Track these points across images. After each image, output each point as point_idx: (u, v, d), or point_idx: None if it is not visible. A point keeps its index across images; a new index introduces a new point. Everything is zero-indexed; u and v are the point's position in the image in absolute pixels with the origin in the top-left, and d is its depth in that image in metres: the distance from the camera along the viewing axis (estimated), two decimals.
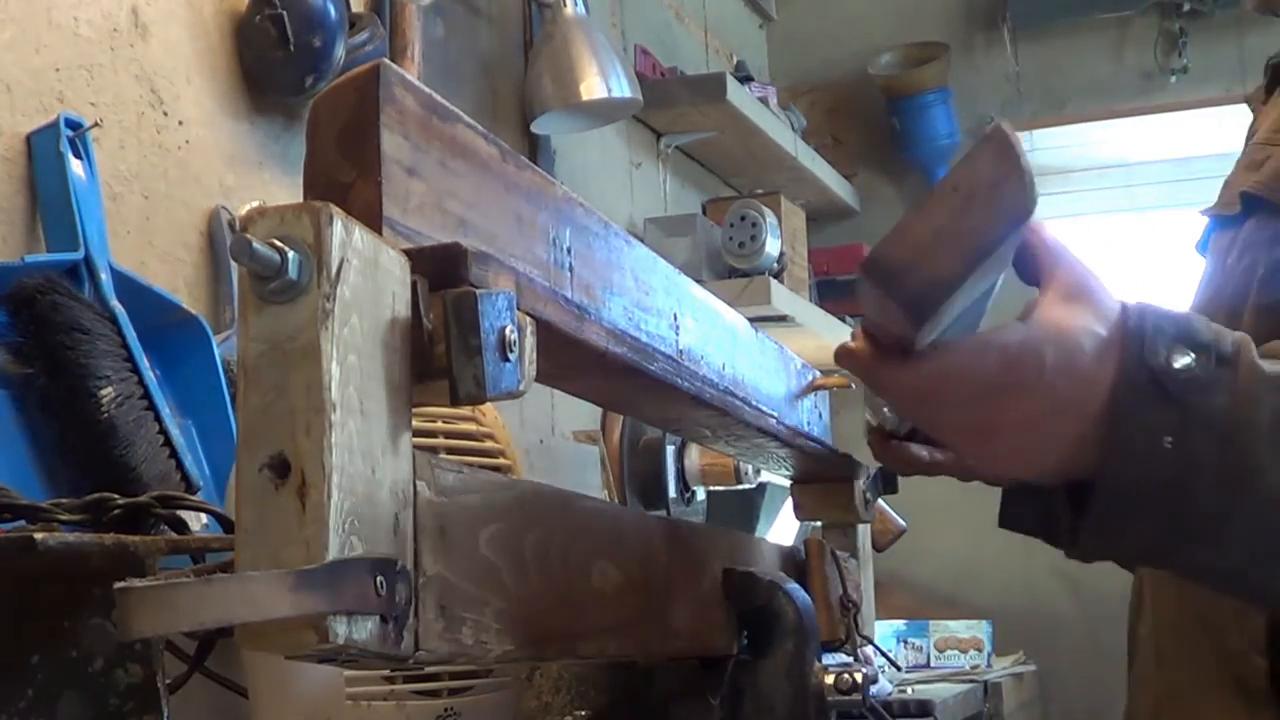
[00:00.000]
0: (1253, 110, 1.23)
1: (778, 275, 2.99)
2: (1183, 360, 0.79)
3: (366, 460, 0.66)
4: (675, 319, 1.04)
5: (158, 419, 1.41)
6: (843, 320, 3.33)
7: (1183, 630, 1.10)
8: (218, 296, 1.69)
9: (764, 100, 3.23)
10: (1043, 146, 3.76)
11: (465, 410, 1.17)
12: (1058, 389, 0.79)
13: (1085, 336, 0.79)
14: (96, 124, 1.49)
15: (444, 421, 1.15)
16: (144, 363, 1.42)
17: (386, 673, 1.08)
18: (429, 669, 1.08)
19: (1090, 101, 3.75)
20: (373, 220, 0.72)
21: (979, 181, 0.73)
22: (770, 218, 3.00)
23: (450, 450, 1.15)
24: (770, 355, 1.26)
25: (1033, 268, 0.83)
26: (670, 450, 2.52)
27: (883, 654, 1.69)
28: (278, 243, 0.63)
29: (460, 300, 0.70)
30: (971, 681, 2.88)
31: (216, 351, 1.52)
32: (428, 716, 1.10)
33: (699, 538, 1.15)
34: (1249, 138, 1.18)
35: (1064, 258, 0.83)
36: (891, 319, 0.76)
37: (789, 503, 1.51)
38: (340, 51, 1.76)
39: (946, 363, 0.78)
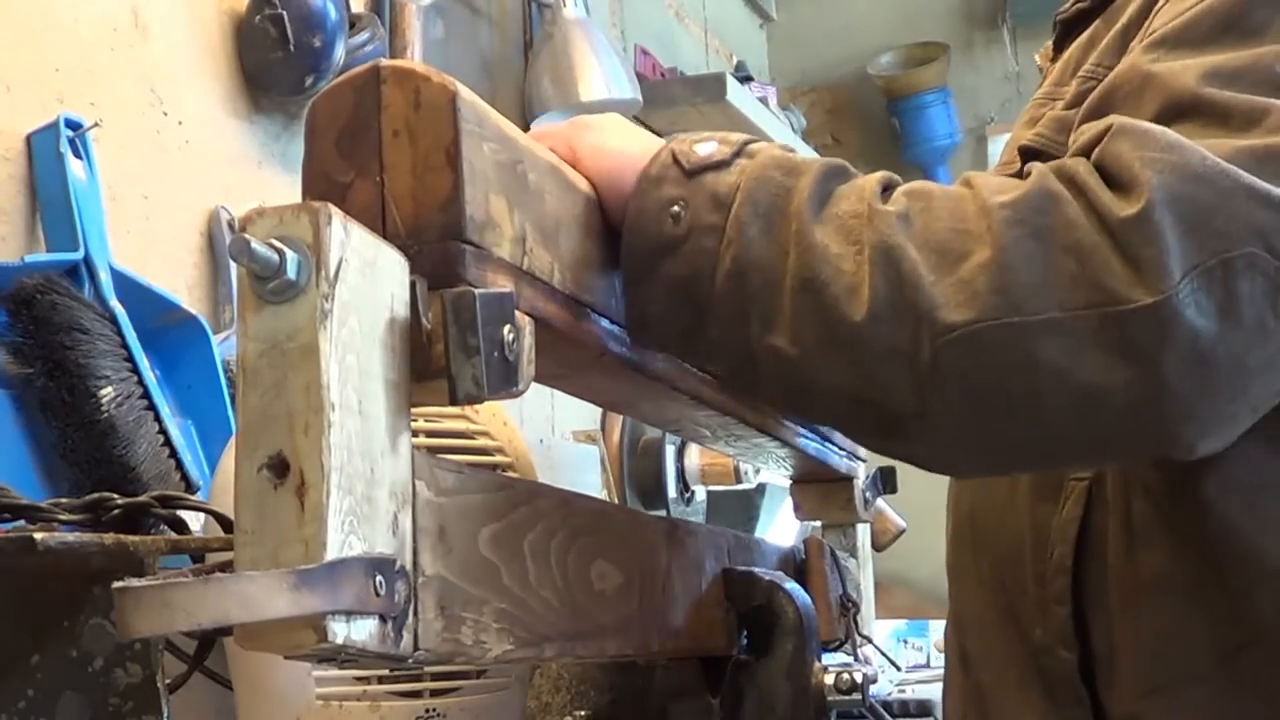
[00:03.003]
0: (1041, 70, 1.20)
1: None
2: (706, 148, 0.87)
3: (365, 460, 0.66)
4: None
5: (158, 419, 1.41)
6: None
7: (987, 626, 1.10)
8: (218, 296, 1.69)
9: (764, 100, 3.23)
10: None
11: (454, 409, 1.15)
12: (614, 161, 0.89)
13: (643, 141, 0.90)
14: (96, 124, 1.49)
15: (425, 420, 1.13)
16: (144, 363, 1.41)
17: (359, 673, 1.07)
18: (409, 669, 1.07)
19: None
20: (371, 220, 0.72)
21: (402, 112, 0.74)
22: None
23: (431, 450, 1.13)
24: None
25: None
26: (670, 450, 2.52)
27: (883, 654, 1.70)
28: (276, 243, 0.63)
29: (459, 300, 0.70)
30: None
31: (216, 351, 1.52)
32: (406, 717, 1.09)
33: (699, 538, 1.15)
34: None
35: None
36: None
37: (789, 503, 1.51)
38: (340, 51, 1.76)
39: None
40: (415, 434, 1.13)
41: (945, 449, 0.85)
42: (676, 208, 0.85)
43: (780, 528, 2.88)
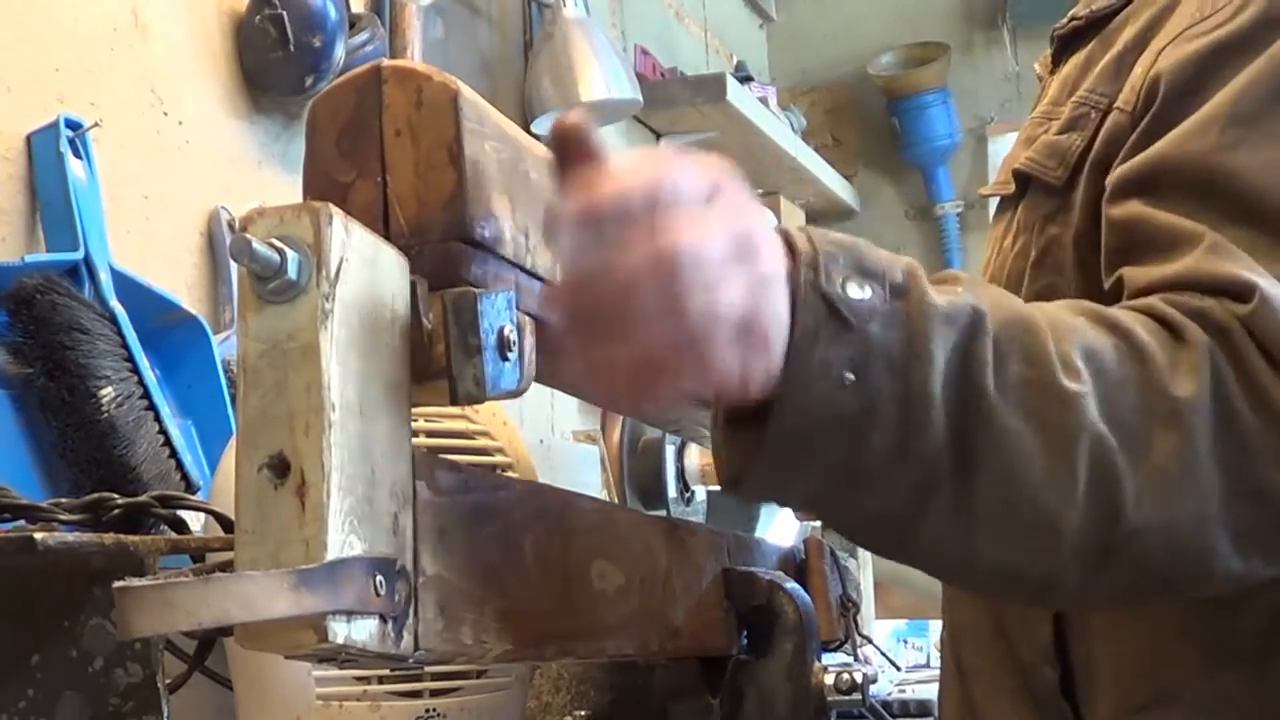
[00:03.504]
0: (1040, 80, 1.20)
1: None
2: (860, 290, 0.73)
3: (366, 460, 0.66)
4: None
5: (158, 419, 1.41)
6: None
7: (980, 638, 1.10)
8: (218, 296, 1.69)
9: (764, 100, 3.23)
10: None
11: (454, 409, 1.15)
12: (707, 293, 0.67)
13: (758, 240, 0.71)
14: (96, 124, 1.49)
15: (425, 420, 1.12)
16: (144, 363, 1.42)
17: (359, 673, 1.07)
18: (409, 669, 1.07)
19: None
20: (373, 220, 0.72)
21: (404, 112, 0.73)
22: (770, 218, 2.99)
23: (432, 450, 1.14)
24: None
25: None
26: (670, 450, 2.52)
27: (883, 654, 1.70)
28: (277, 242, 0.63)
29: (460, 300, 0.70)
30: None
31: (216, 351, 1.52)
32: (406, 718, 1.09)
33: (699, 538, 1.15)
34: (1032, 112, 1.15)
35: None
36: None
37: None
38: (340, 51, 1.76)
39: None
40: (415, 434, 1.13)
41: (1090, 607, 0.87)
42: (850, 375, 0.71)
43: (780, 528, 2.87)
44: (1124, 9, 1.04)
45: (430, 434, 1.13)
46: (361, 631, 0.65)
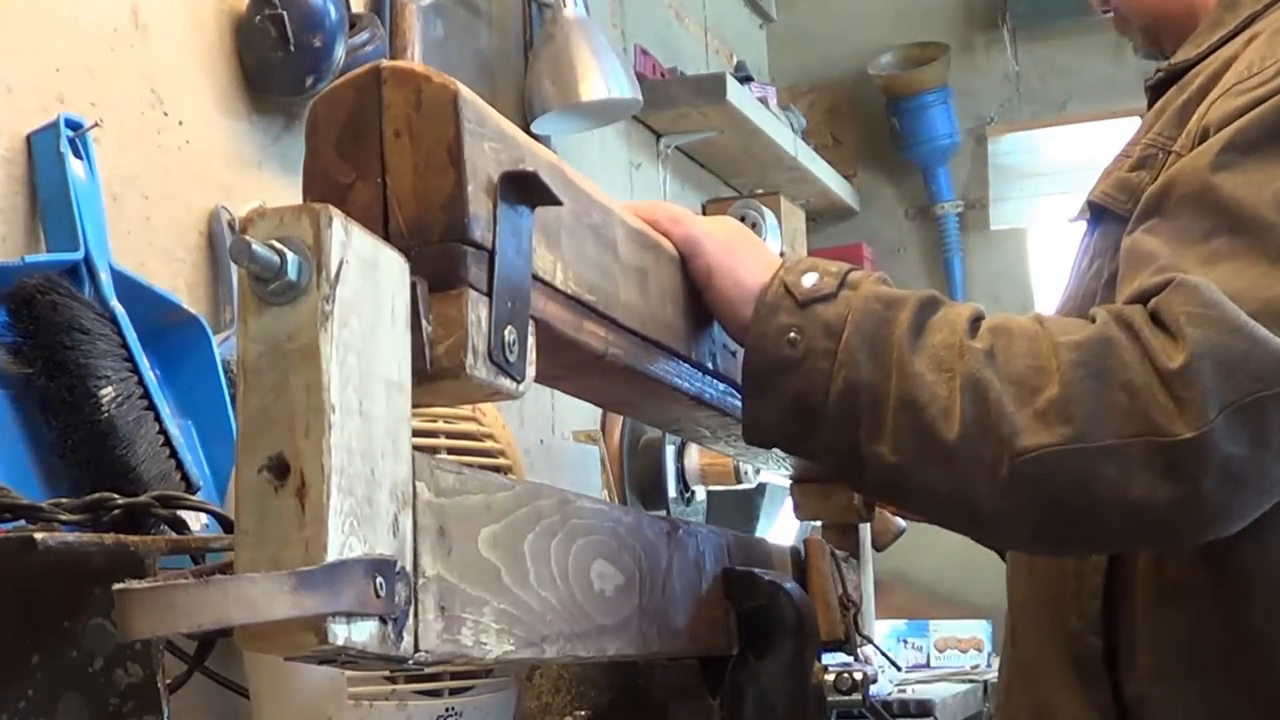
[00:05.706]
0: None
1: None
2: (809, 279, 1.01)
3: (366, 461, 0.66)
4: None
5: (158, 419, 1.41)
6: None
7: (1032, 610, 1.25)
8: (218, 296, 1.69)
9: (764, 100, 3.23)
10: (1042, 147, 3.75)
11: (466, 410, 1.17)
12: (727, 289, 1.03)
13: (756, 259, 1.04)
14: (96, 124, 1.49)
15: (445, 421, 1.16)
16: (144, 363, 1.41)
17: (388, 672, 1.08)
18: (430, 669, 1.08)
19: (1090, 102, 3.74)
20: (373, 221, 0.72)
21: (403, 113, 0.74)
22: (770, 218, 3.00)
23: (451, 450, 1.16)
24: None
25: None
26: (670, 450, 2.52)
27: (883, 654, 1.69)
28: (277, 244, 0.63)
29: (460, 301, 0.70)
30: (971, 681, 2.88)
31: (216, 351, 1.52)
32: (429, 716, 1.10)
33: (699, 538, 1.15)
34: None
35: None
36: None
37: (789, 503, 1.51)
38: (340, 51, 1.76)
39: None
40: (436, 435, 1.15)
41: (1013, 539, 1.03)
42: (793, 334, 0.99)
43: (780, 528, 2.88)
44: (1199, 63, 1.18)
45: (450, 435, 1.16)
46: (361, 633, 0.65)
